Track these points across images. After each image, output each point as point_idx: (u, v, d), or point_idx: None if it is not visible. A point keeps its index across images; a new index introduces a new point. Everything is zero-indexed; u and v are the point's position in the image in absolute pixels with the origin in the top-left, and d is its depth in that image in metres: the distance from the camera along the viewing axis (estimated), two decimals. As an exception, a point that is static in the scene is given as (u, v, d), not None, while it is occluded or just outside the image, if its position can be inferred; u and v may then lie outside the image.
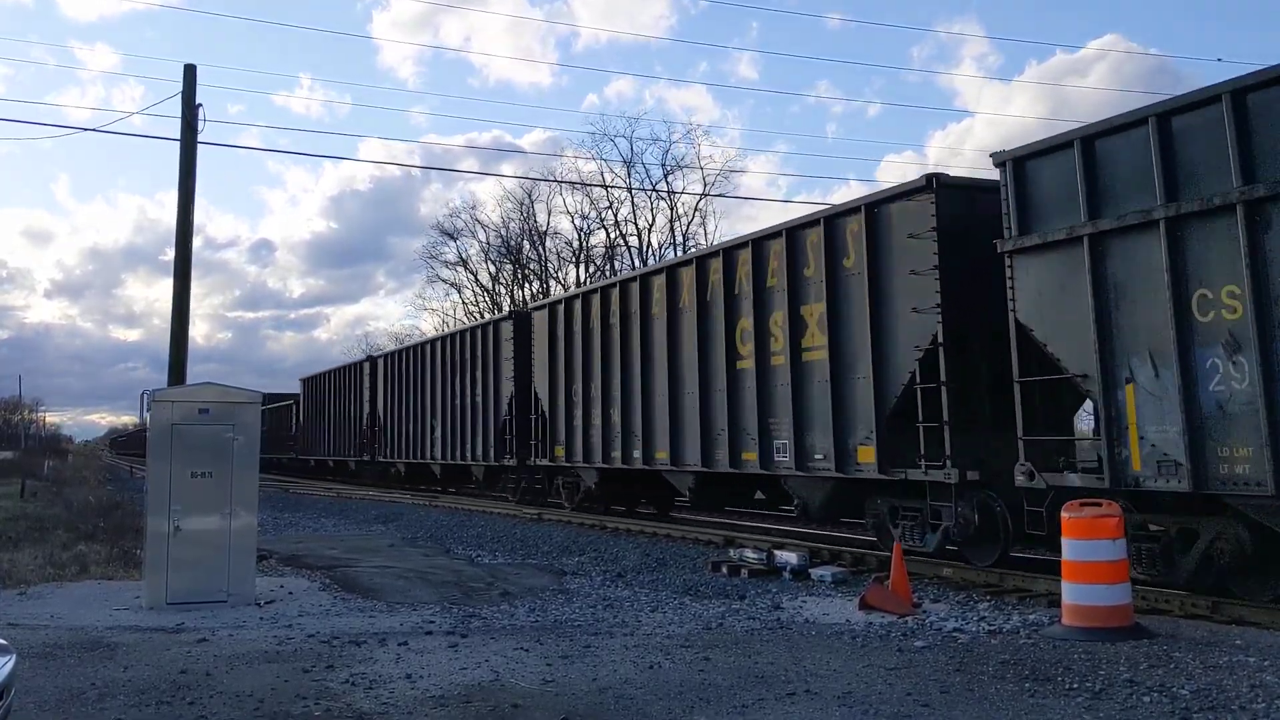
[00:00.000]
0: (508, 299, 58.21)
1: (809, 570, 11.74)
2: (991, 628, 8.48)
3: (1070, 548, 8.07)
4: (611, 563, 13.74)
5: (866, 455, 11.92)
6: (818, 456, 12.71)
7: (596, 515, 19.91)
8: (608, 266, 53.20)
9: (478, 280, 61.23)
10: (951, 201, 11.17)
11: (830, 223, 12.66)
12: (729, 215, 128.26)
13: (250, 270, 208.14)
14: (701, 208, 52.22)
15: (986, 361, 10.93)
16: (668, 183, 51.52)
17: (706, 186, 50.28)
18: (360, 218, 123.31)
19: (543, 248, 57.19)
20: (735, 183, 58.10)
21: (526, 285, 58.42)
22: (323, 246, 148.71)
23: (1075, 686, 6.37)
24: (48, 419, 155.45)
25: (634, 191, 51.83)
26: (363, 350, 65.94)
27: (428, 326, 64.04)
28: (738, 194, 63.31)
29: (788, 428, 13.17)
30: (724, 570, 12.33)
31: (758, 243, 14.00)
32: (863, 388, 11.99)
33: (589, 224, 54.61)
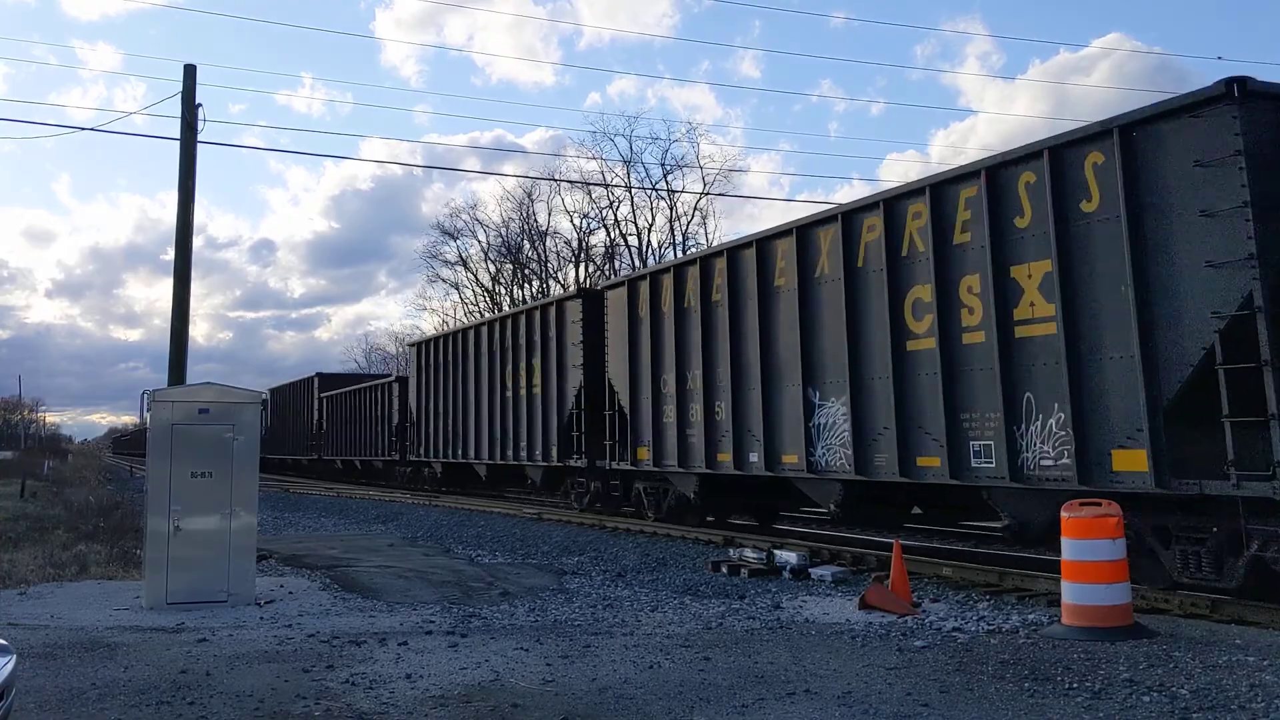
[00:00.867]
0: (507, 299, 58.22)
1: (809, 570, 11.75)
2: (991, 627, 8.48)
3: (1069, 547, 8.08)
4: (611, 562, 13.75)
5: (1132, 461, 9.29)
6: (1045, 463, 10.04)
7: (596, 515, 19.91)
8: (607, 266, 53.23)
9: (478, 280, 61.29)
10: (1264, 115, 8.59)
11: (1058, 155, 9.96)
12: (731, 215, 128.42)
13: (251, 270, 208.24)
14: (702, 207, 52.26)
15: None
16: (667, 182, 51.58)
17: (706, 185, 50.32)
18: (362, 217, 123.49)
19: (543, 247, 57.24)
20: (735, 182, 57.96)
21: (526, 285, 58.44)
22: (324, 246, 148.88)
23: (1075, 686, 6.38)
24: (48, 419, 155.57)
25: (634, 191, 51.87)
26: (363, 350, 65.96)
27: (428, 326, 64.06)
28: (739, 193, 63.37)
29: (994, 424, 10.48)
30: (724, 570, 12.34)
31: (937, 189, 11.19)
32: (1119, 371, 9.45)
33: (589, 223, 54.67)
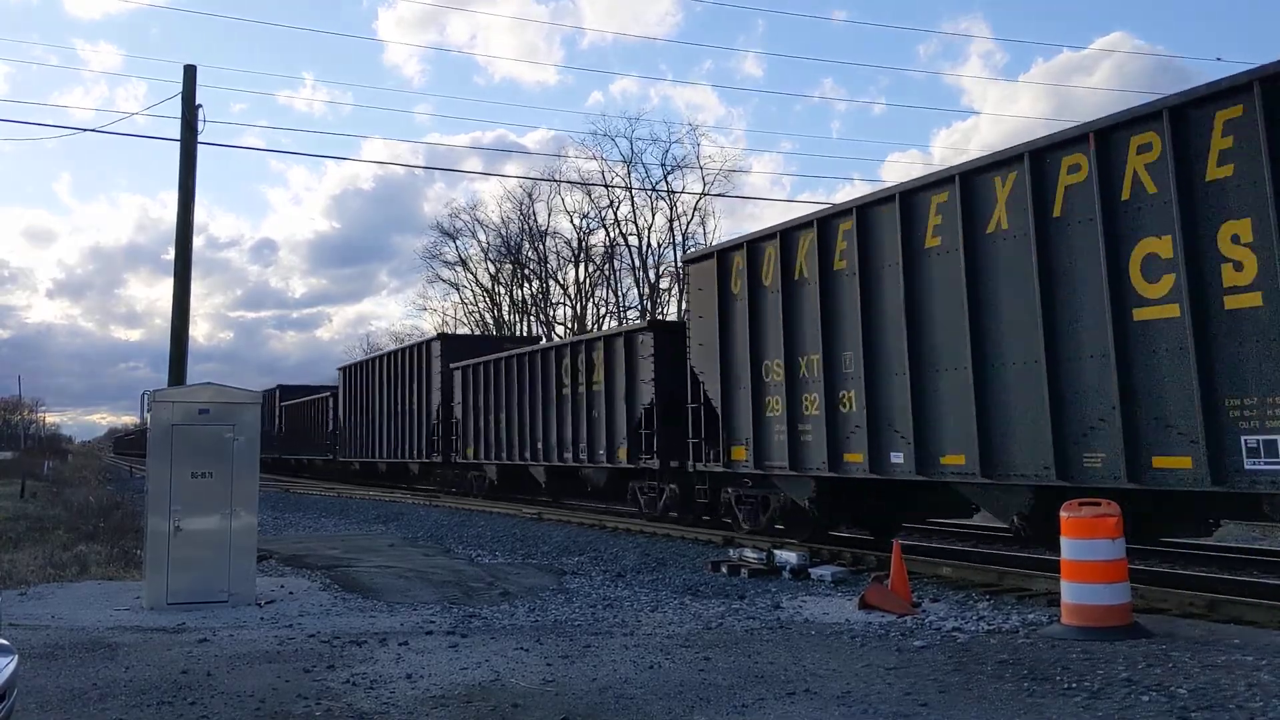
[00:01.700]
0: (507, 299, 58.24)
1: (809, 569, 11.76)
2: (990, 627, 8.50)
3: (1069, 547, 8.09)
4: (611, 562, 13.76)
5: None
6: None
7: (596, 515, 19.92)
8: (607, 266, 53.27)
9: (477, 280, 61.29)
10: None
11: None
12: (732, 214, 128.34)
13: (252, 270, 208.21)
14: (701, 207, 52.26)
15: None
16: (667, 182, 51.59)
17: (706, 186, 50.33)
18: (363, 217, 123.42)
19: (542, 247, 57.24)
20: (734, 182, 58.01)
21: (526, 285, 58.45)
22: (325, 246, 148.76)
23: (1073, 686, 6.39)
24: (47, 419, 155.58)
25: (634, 191, 51.88)
26: (363, 350, 65.96)
27: (428, 326, 64.04)
28: (739, 194, 63.35)
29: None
30: (724, 570, 12.35)
31: (1178, 113, 8.81)
32: None
33: (589, 223, 54.67)
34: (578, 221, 55.29)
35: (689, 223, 52.06)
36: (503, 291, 59.88)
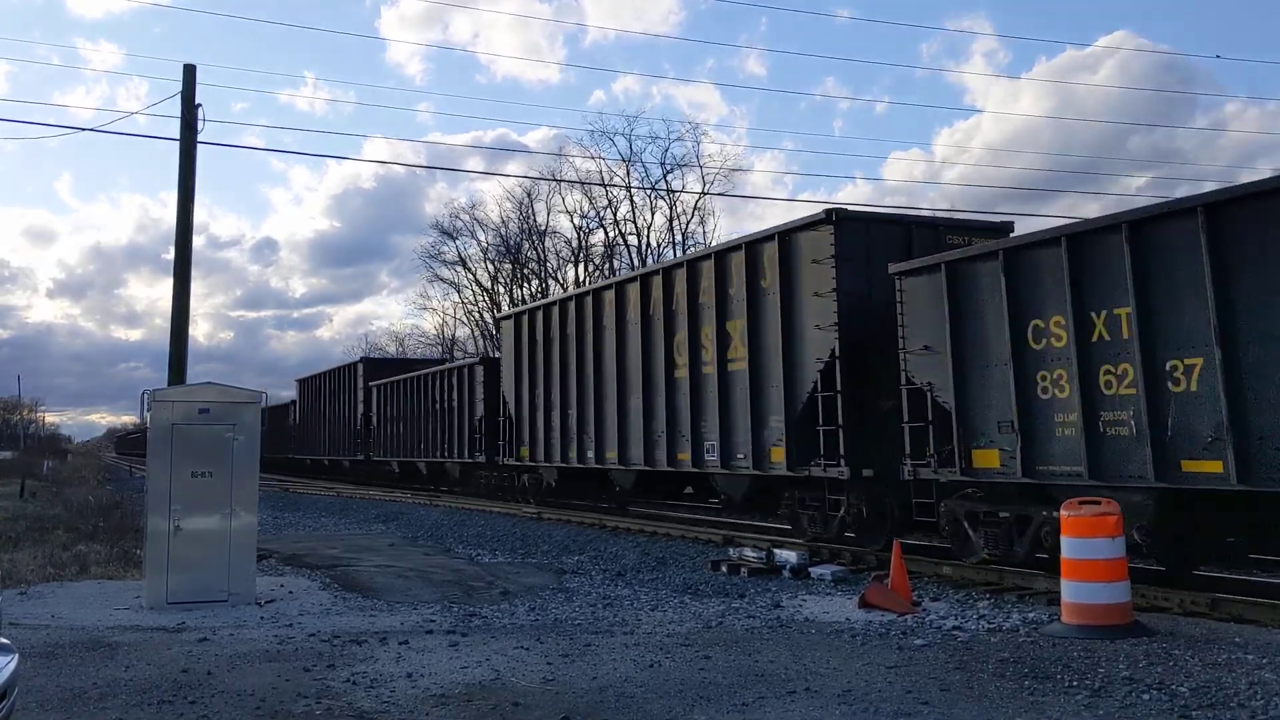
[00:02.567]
0: (506, 299, 58.24)
1: (809, 569, 11.75)
2: (991, 626, 8.50)
3: (1069, 546, 8.09)
4: (611, 561, 13.76)
5: None
6: None
7: (597, 515, 19.88)
8: (607, 266, 53.25)
9: (477, 280, 61.27)
10: None
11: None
12: (734, 213, 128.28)
13: (253, 269, 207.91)
14: (701, 207, 52.19)
15: None
16: (667, 182, 51.52)
17: (706, 185, 50.26)
18: (364, 216, 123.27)
19: (542, 247, 57.21)
20: (734, 181, 57.92)
21: (525, 285, 58.45)
22: (326, 245, 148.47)
23: (1075, 684, 6.39)
24: (47, 418, 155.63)
25: (633, 190, 51.84)
26: (361, 349, 65.98)
27: (429, 326, 64.03)
28: (740, 193, 63.21)
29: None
30: (724, 569, 12.35)
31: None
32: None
33: (588, 223, 54.62)
34: (577, 221, 55.30)
35: (689, 222, 52.05)
36: (502, 291, 59.89)
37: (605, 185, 51.98)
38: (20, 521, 19.74)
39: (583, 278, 53.03)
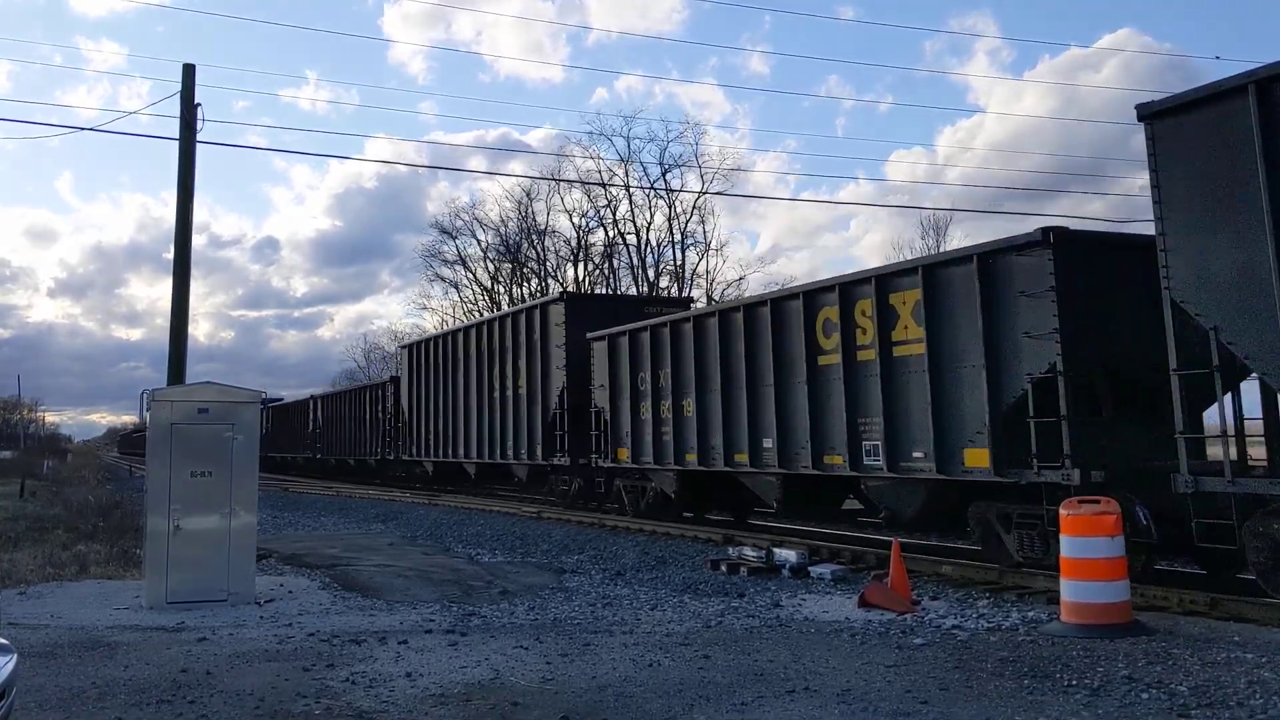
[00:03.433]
0: (506, 298, 58.22)
1: (808, 568, 11.75)
2: (990, 625, 8.50)
3: (1068, 545, 8.09)
4: (611, 561, 13.76)
5: None
6: None
7: (594, 514, 19.88)
8: (606, 265, 53.26)
9: (476, 279, 61.26)
10: None
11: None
12: (736, 212, 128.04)
13: (254, 269, 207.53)
14: (700, 206, 52.16)
15: None
16: (666, 181, 51.50)
17: (705, 184, 50.24)
18: (366, 215, 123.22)
19: (541, 246, 57.20)
20: (733, 180, 57.83)
21: (525, 284, 58.44)
22: (327, 245, 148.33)
23: (1074, 683, 6.39)
24: (47, 418, 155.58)
25: (632, 190, 51.83)
26: (361, 350, 65.89)
27: (429, 325, 63.99)
28: (741, 192, 63.16)
29: None
30: (723, 568, 12.35)
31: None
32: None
33: (588, 222, 54.60)
34: (577, 220, 55.28)
35: (688, 221, 52.04)
36: (502, 290, 59.88)
37: (605, 185, 51.99)
38: (20, 521, 19.74)
39: (582, 277, 53.05)
